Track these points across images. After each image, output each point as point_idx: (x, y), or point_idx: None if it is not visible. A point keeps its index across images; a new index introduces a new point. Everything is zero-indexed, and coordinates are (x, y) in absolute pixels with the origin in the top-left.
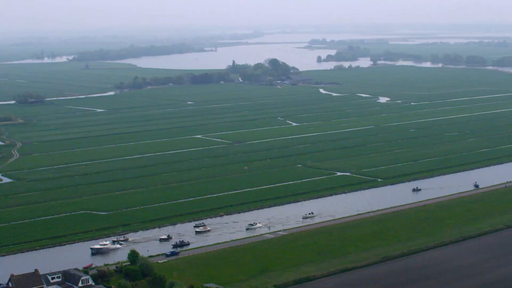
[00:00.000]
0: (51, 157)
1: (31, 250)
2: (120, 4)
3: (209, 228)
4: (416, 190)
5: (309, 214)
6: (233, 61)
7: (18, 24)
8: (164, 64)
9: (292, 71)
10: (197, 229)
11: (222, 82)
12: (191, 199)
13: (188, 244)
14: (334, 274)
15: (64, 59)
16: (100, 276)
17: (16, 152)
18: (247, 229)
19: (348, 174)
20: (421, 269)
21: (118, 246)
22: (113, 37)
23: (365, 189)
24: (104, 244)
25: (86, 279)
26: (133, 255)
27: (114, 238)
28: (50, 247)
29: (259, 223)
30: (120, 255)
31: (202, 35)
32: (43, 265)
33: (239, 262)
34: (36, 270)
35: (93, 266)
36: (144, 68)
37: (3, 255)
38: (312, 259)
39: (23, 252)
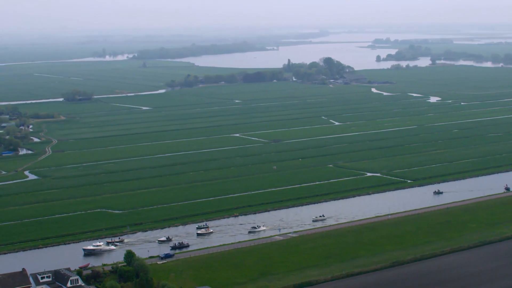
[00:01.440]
0: (82, 155)
1: (34, 249)
2: (187, 4)
3: (211, 230)
4: (437, 193)
5: (320, 216)
6: (289, 60)
7: (85, 23)
8: (222, 63)
9: (347, 70)
10: (198, 231)
11: (274, 80)
12: (211, 198)
13: (187, 246)
14: (338, 279)
15: (125, 57)
16: (93, 276)
17: (49, 149)
18: (249, 232)
19: (378, 175)
20: (430, 275)
21: (112, 247)
22: (178, 36)
23: (391, 191)
24: (98, 245)
25: (75, 279)
26: (129, 256)
27: (109, 239)
28: (54, 246)
29: (262, 226)
30: (115, 257)
31: (268, 34)
32: (42, 264)
33: (241, 265)
34: (23, 269)
35: (89, 266)
36: (201, 67)
37: (5, 253)
38: (319, 263)
39: (25, 250)
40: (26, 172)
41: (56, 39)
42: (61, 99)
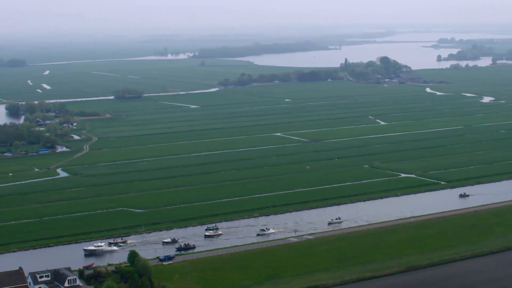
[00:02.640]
0: (119, 153)
1: (45, 247)
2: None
3: (220, 232)
4: (463, 195)
5: (336, 219)
6: (346, 59)
7: (152, 22)
8: (281, 62)
9: (404, 69)
10: (206, 233)
11: (329, 80)
12: (235, 198)
13: (193, 247)
14: (348, 283)
15: (186, 56)
16: (94, 276)
17: (87, 147)
18: (257, 234)
19: (412, 176)
20: (445, 280)
21: (114, 248)
22: (243, 35)
23: (420, 193)
24: (99, 246)
25: (73, 279)
26: (132, 257)
27: (111, 240)
28: (65, 244)
29: (272, 228)
30: (116, 257)
31: (333, 33)
32: (48, 263)
33: (249, 267)
34: (20, 268)
35: (94, 265)
36: (260, 66)
37: (14, 251)
38: (330, 266)
39: (36, 248)
40: (59, 170)
41: (122, 38)
42: (111, 97)
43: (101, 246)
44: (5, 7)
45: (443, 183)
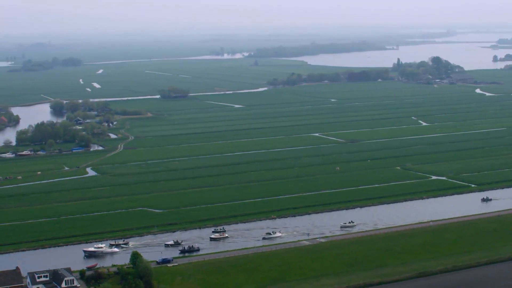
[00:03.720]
0: (152, 152)
1: (54, 247)
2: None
3: (226, 235)
4: (485, 200)
5: (349, 223)
6: (398, 59)
7: (212, 23)
8: (335, 62)
9: (456, 69)
10: (212, 235)
11: (379, 80)
12: (258, 199)
13: (198, 250)
14: None
15: (242, 55)
16: (95, 277)
17: (121, 146)
18: (263, 238)
19: (443, 178)
20: (456, 287)
21: (115, 249)
22: (302, 35)
23: (447, 196)
24: (99, 247)
25: (70, 279)
26: (134, 258)
27: (113, 242)
28: (75, 244)
29: (279, 232)
30: (117, 259)
31: (392, 33)
32: (51, 263)
33: (254, 270)
34: (17, 268)
35: (97, 266)
36: (313, 65)
37: (23, 250)
38: (339, 271)
39: (45, 248)
40: (88, 169)
41: (182, 38)
42: (158, 97)
43: (102, 247)
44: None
45: (473, 186)
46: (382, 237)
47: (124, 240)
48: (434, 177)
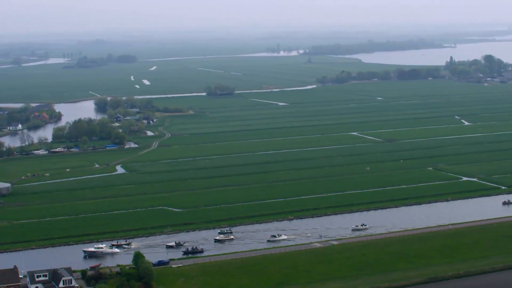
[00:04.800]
0: (186, 150)
1: (65, 245)
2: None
3: (232, 237)
4: (507, 203)
5: (361, 225)
6: (451, 57)
7: (274, 20)
8: (390, 60)
9: (510, 68)
10: (216, 237)
11: (430, 78)
12: (280, 199)
13: (201, 251)
14: None
15: (298, 53)
16: (95, 277)
17: (156, 143)
18: (268, 240)
19: (473, 179)
20: None
21: (116, 250)
22: (363, 33)
23: (473, 198)
24: (99, 247)
25: (68, 279)
26: (136, 258)
27: (115, 242)
28: (86, 243)
29: (284, 234)
30: (117, 260)
31: (452, 31)
32: (56, 262)
33: (260, 273)
34: (15, 267)
35: (101, 266)
36: (367, 63)
37: (33, 248)
38: (346, 274)
39: (55, 246)
40: (118, 166)
41: (243, 35)
42: (204, 94)
43: (102, 248)
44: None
45: (503, 188)
46: (396, 240)
47: (126, 241)
48: (464, 178)
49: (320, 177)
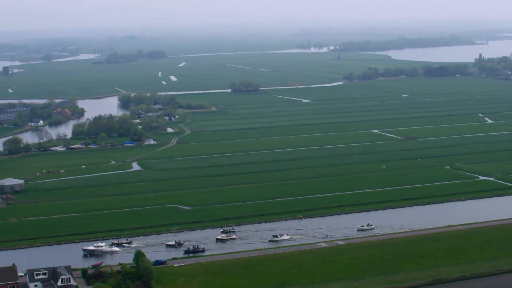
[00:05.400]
0: (204, 147)
1: (71, 243)
2: None
3: (234, 236)
4: None
5: (367, 226)
6: (480, 54)
7: (308, 17)
8: (420, 56)
9: None
10: (218, 236)
11: (457, 75)
12: (292, 198)
13: (203, 250)
14: None
15: (328, 49)
16: (96, 276)
17: (174, 140)
18: (269, 241)
19: (490, 179)
20: None
21: (115, 248)
22: (396, 29)
23: (487, 198)
24: (99, 246)
25: (66, 278)
26: (137, 257)
27: (115, 240)
28: (91, 241)
29: (286, 235)
30: (117, 258)
31: (485, 28)
32: (58, 260)
33: (262, 273)
34: (13, 265)
35: (103, 264)
36: (396, 60)
37: (38, 246)
38: (350, 275)
39: (60, 244)
40: (134, 163)
41: (276, 31)
42: (229, 90)
43: (101, 246)
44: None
45: None
46: (404, 241)
47: (127, 239)
48: (481, 178)
49: (334, 175)
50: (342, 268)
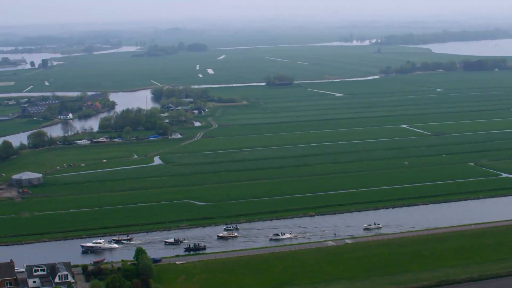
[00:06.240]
0: (228, 141)
1: (77, 238)
2: None
3: (236, 234)
4: None
5: (374, 224)
6: None
7: (356, 9)
8: (462, 50)
9: None
10: (219, 234)
11: (496, 69)
12: (308, 194)
13: (204, 248)
14: None
15: (370, 42)
16: (95, 272)
17: (200, 134)
18: (270, 239)
19: None
20: None
21: (114, 245)
22: (443, 22)
23: (506, 196)
24: (97, 243)
25: (64, 274)
26: (137, 254)
27: (116, 237)
28: (98, 236)
29: (288, 233)
30: (116, 255)
31: None
32: (61, 256)
33: (264, 272)
34: (11, 261)
35: (105, 261)
36: (436, 53)
37: (45, 241)
38: (354, 275)
39: (67, 239)
40: (156, 157)
41: (322, 24)
42: (263, 84)
43: (100, 243)
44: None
45: None
46: (413, 240)
47: (128, 236)
48: (504, 175)
49: (355, 171)
50: (346, 268)
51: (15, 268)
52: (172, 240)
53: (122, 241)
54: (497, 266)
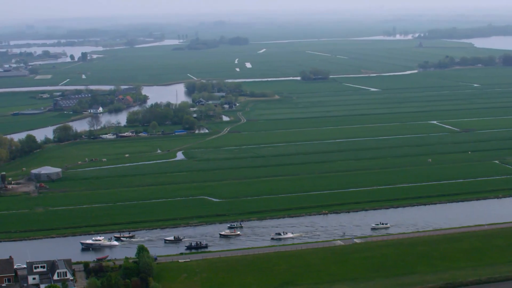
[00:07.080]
0: (254, 136)
1: (85, 234)
2: None
3: (238, 232)
4: None
5: (381, 224)
6: None
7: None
8: (505, 45)
9: None
10: (222, 232)
11: None
12: (325, 191)
13: (205, 246)
14: None
15: (413, 36)
16: (96, 270)
17: (227, 129)
18: (272, 238)
19: None
20: None
21: (114, 243)
22: (488, 16)
23: None
24: (97, 240)
25: (62, 272)
26: (138, 252)
27: (117, 234)
28: (107, 233)
29: (290, 233)
30: (116, 252)
31: None
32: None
33: (267, 271)
34: (10, 257)
35: (108, 258)
36: (479, 48)
37: (53, 237)
38: (359, 276)
39: (75, 235)
40: (179, 153)
41: (368, 17)
42: (298, 78)
43: (100, 240)
44: None
45: None
46: (423, 240)
47: (129, 233)
48: None
49: (377, 168)
50: (352, 268)
51: (18, 265)
52: (172, 238)
53: (122, 238)
54: (507, 269)
